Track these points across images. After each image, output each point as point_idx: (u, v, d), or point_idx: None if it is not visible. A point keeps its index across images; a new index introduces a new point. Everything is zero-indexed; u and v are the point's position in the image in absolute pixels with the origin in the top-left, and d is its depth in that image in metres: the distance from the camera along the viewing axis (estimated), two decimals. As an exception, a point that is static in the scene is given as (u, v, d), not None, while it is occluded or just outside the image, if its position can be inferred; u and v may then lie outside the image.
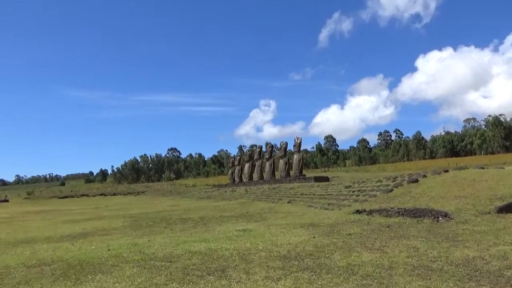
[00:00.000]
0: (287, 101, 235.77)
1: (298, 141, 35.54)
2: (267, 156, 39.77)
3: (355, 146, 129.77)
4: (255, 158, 42.61)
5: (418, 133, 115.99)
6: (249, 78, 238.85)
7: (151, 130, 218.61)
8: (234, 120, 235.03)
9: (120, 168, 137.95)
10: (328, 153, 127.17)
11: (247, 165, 43.28)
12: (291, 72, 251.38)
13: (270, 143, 46.40)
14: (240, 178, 44.73)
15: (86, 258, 6.64)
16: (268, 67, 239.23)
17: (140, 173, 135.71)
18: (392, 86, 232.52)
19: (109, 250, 7.39)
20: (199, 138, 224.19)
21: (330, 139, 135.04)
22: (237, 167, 45.70)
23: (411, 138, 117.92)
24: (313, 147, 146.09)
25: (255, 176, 41.05)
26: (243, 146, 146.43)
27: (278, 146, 39.77)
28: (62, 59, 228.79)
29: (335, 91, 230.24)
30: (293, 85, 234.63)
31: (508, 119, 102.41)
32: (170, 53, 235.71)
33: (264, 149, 43.74)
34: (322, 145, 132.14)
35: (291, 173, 35.80)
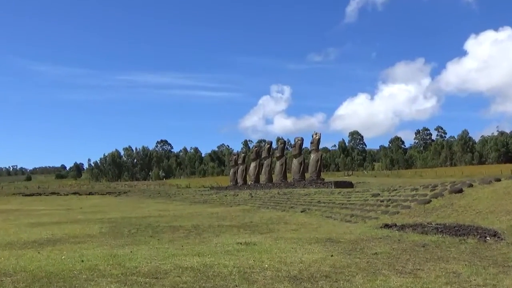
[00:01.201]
0: (305, 88, 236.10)
1: (317, 137, 35.51)
2: (277, 155, 39.88)
3: (386, 145, 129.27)
4: (263, 156, 42.76)
5: (465, 132, 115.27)
6: (259, 57, 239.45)
7: (137, 117, 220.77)
8: (238, 109, 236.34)
9: (98, 162, 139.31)
10: (353, 153, 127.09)
11: (253, 165, 43.44)
12: (310, 52, 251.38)
13: (282, 139, 46.55)
14: (244, 180, 44.93)
15: (55, 270, 6.73)
16: (282, 44, 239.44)
17: (122, 169, 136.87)
18: (435, 73, 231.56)
19: (82, 261, 7.48)
20: (196, 129, 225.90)
21: (356, 136, 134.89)
22: (241, 166, 45.88)
23: (456, 139, 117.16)
24: (334, 145, 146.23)
25: (263, 178, 41.19)
26: (249, 141, 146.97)
27: (292, 142, 39.85)
28: (21, 24, 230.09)
29: (363, 77, 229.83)
30: (312, 68, 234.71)
31: None
32: (161, 22, 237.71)
33: (274, 145, 43.93)
34: (346, 143, 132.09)
35: (307, 176, 35.84)
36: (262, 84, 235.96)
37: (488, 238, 8.57)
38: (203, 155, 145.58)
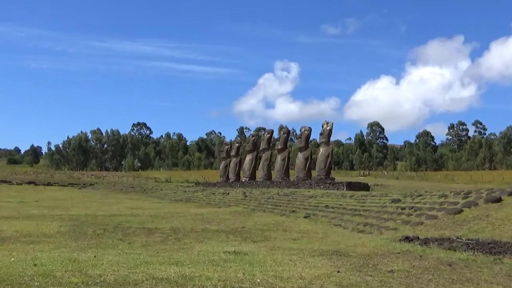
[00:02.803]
0: (316, 66, 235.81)
1: (328, 128, 35.56)
2: (279, 147, 39.95)
3: (412, 141, 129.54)
4: (261, 147, 42.85)
5: (510, 129, 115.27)
6: (261, 27, 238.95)
7: (110, 93, 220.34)
8: (234, 89, 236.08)
9: (60, 146, 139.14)
10: (371, 149, 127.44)
11: (248, 157, 43.54)
12: (324, 23, 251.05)
13: (286, 127, 46.37)
14: (237, 175, 45.09)
15: (2, 275, 6.76)
16: (291, 12, 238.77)
17: (89, 156, 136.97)
18: (476, 54, 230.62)
19: (35, 265, 7.52)
20: (181, 111, 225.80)
21: (376, 128, 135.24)
22: (234, 159, 46.01)
23: (497, 136, 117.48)
24: (349, 138, 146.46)
25: (260, 174, 41.32)
26: (245, 128, 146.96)
27: (297, 132, 39.82)
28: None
29: (388, 56, 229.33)
30: (326, 43, 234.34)
31: None
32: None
33: (276, 135, 43.83)
34: (364, 136, 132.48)
35: (313, 174, 35.98)
36: (264, 60, 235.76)
37: (529, 258, 8.64)
38: (188, 143, 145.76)
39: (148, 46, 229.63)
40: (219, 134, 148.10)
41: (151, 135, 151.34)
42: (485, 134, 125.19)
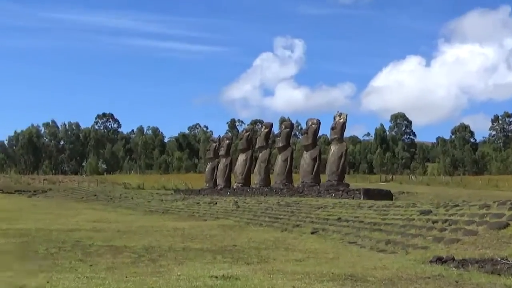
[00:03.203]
0: (325, 44, 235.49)
1: (341, 121, 35.56)
2: (280, 144, 39.94)
3: (446, 138, 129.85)
4: (258, 145, 42.80)
5: None
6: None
7: (68, 76, 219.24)
8: (223, 72, 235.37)
9: (5, 143, 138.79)
10: (396, 148, 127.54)
11: (242, 158, 43.53)
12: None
13: (288, 120, 46.26)
14: (227, 180, 45.08)
15: None
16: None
17: (42, 156, 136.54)
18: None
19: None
20: (156, 100, 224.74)
21: (402, 121, 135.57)
22: (224, 159, 45.99)
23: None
24: (367, 134, 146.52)
25: (256, 179, 41.32)
26: (238, 121, 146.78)
27: (303, 126, 39.92)
28: None
29: (416, 31, 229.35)
30: (338, 15, 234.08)
31: None
32: None
33: (276, 129, 43.55)
34: (386, 131, 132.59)
35: (323, 178, 36.00)
36: (262, 36, 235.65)
37: None
38: (166, 140, 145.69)
39: (117, 19, 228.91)
40: (204, 129, 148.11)
41: (119, 130, 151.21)
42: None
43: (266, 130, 43.08)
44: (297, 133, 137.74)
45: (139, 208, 35.57)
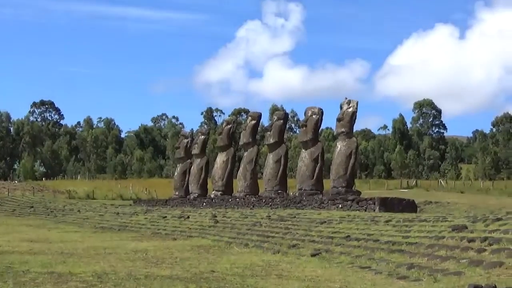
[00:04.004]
0: (329, 10, 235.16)
1: (350, 110, 35.55)
2: (271, 140, 39.82)
3: (486, 131, 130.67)
4: (242, 142, 42.69)
5: None
6: None
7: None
8: (197, 47, 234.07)
9: None
10: (421, 144, 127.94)
11: (221, 158, 43.45)
12: None
13: (282, 109, 46.11)
14: (203, 186, 45.05)
15: None
16: None
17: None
18: None
19: None
20: (109, 83, 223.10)
21: (428, 110, 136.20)
22: (198, 160, 45.91)
23: None
24: (384, 127, 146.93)
25: (240, 184, 41.25)
26: (216, 110, 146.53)
27: (300, 117, 39.93)
28: None
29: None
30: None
31: None
32: None
33: (265, 121, 43.36)
34: (407, 124, 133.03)
35: (327, 184, 36.01)
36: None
37: None
38: (123, 135, 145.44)
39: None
40: (173, 121, 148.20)
41: (61, 122, 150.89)
42: None
43: (253, 122, 42.89)
44: (293, 125, 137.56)
45: (88, 223, 35.47)
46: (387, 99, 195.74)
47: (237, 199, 39.36)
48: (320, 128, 38.47)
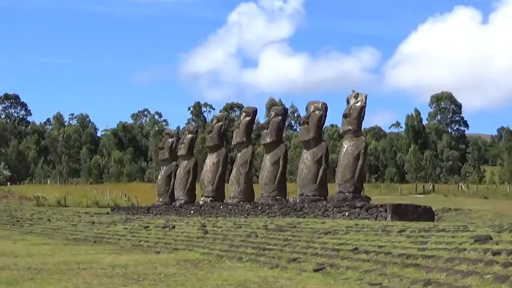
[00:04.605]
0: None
1: (358, 105, 35.54)
2: (268, 140, 39.76)
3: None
4: (235, 141, 42.57)
5: None
6: None
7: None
8: (182, 33, 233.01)
9: None
10: (438, 144, 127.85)
11: (211, 160, 43.42)
12: None
13: (280, 104, 45.96)
14: (191, 192, 44.99)
15: None
16: None
17: None
18: None
19: None
20: (84, 76, 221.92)
21: (447, 104, 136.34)
22: (185, 162, 45.83)
23: None
24: (396, 124, 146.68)
25: (233, 190, 41.18)
26: (205, 105, 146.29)
27: (301, 113, 39.96)
28: None
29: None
30: None
31: None
32: None
33: (261, 117, 43.27)
34: (422, 121, 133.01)
35: (331, 189, 36.02)
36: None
37: None
38: (99, 134, 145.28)
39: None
40: (156, 117, 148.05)
41: (29, 119, 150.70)
42: None
43: (248, 118, 42.84)
44: (293, 122, 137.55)
45: (59, 234, 35.44)
46: (399, 92, 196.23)
47: (230, 207, 39.28)
48: (324, 126, 38.39)
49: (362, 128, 36.88)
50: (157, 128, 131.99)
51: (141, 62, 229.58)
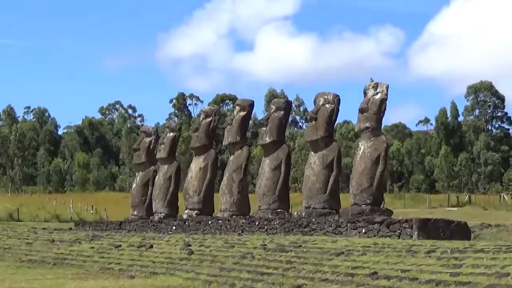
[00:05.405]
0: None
1: (378, 97, 35.57)
2: (267, 139, 39.79)
3: None
4: (227, 141, 42.55)
5: None
6: None
7: None
8: (161, 9, 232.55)
9: None
10: (476, 145, 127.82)
11: (197, 164, 43.47)
12: None
13: (282, 96, 45.87)
14: (172, 203, 44.97)
15: None
16: None
17: None
18: None
19: None
20: (39, 60, 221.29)
21: (486, 97, 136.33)
22: (165, 166, 45.87)
23: None
24: (425, 121, 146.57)
25: (224, 201, 41.23)
26: (190, 98, 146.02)
27: (308, 107, 39.96)
28: None
29: None
30: None
31: None
32: None
33: (259, 112, 43.12)
34: (458, 117, 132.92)
35: (345, 200, 36.03)
36: None
37: None
38: (60, 132, 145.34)
39: None
40: (130, 111, 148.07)
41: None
42: None
43: (242, 114, 42.81)
44: (297, 118, 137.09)
45: (10, 255, 35.45)
46: (427, 81, 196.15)
47: (220, 221, 39.27)
48: (336, 122, 38.26)
49: (383, 125, 36.92)
50: (130, 125, 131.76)
51: (112, 45, 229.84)
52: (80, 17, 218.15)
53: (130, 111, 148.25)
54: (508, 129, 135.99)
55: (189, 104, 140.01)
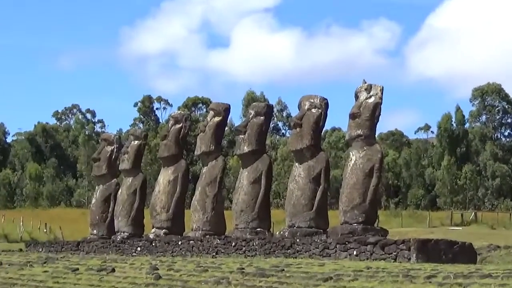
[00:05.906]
0: None
1: (371, 101, 35.72)
2: (245, 149, 39.88)
3: None
4: (200, 151, 42.65)
5: None
6: None
7: None
8: (126, 2, 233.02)
9: None
10: (482, 155, 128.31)
11: (166, 176, 43.52)
12: None
13: (262, 99, 45.94)
14: (137, 221, 44.92)
15: None
16: None
17: None
18: None
19: None
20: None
21: (494, 100, 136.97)
22: (129, 179, 45.80)
23: None
24: (425, 128, 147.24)
25: (196, 218, 41.28)
26: (157, 101, 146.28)
27: (292, 112, 40.03)
28: None
29: None
30: None
31: None
32: None
33: (236, 118, 42.95)
34: (464, 123, 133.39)
35: (333, 218, 36.10)
36: None
37: None
38: (9, 139, 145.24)
39: None
40: (88, 116, 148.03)
41: None
42: None
43: (217, 119, 42.89)
44: (279, 124, 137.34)
45: None
46: (427, 82, 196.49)
47: (192, 242, 39.25)
48: (323, 129, 38.33)
49: (377, 133, 36.97)
50: (89, 132, 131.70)
51: (68, 41, 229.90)
52: (30, 8, 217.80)
53: (88, 116, 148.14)
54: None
55: (156, 108, 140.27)
